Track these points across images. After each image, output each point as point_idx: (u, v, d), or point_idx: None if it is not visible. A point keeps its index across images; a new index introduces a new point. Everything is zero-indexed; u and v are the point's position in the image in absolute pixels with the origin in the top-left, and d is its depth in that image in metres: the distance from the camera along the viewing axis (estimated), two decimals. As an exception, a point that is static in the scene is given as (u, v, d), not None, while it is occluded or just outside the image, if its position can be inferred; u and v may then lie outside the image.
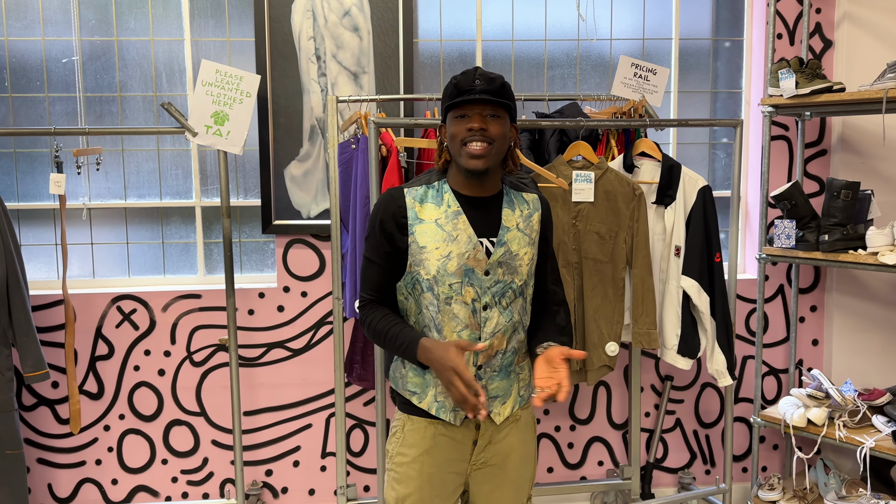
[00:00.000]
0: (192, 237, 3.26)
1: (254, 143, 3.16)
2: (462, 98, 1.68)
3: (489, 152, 1.69)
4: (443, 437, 1.82)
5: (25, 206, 3.16)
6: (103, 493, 3.16)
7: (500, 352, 1.80)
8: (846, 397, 2.92)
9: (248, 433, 3.20)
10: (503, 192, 1.83)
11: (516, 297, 1.79)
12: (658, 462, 3.38)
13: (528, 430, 1.91)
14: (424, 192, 1.79)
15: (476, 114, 1.69)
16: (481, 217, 1.78)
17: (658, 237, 2.77)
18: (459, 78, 1.72)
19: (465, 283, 1.75)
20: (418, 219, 1.76)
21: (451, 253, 1.74)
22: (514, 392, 1.85)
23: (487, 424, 1.84)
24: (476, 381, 1.65)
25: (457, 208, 1.76)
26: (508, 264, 1.77)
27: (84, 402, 3.11)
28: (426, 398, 1.81)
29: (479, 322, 1.77)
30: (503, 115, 1.73)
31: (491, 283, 1.76)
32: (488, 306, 1.76)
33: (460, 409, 1.74)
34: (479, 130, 1.68)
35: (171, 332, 3.13)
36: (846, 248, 2.79)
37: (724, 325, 2.74)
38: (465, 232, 1.75)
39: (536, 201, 1.87)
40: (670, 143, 3.38)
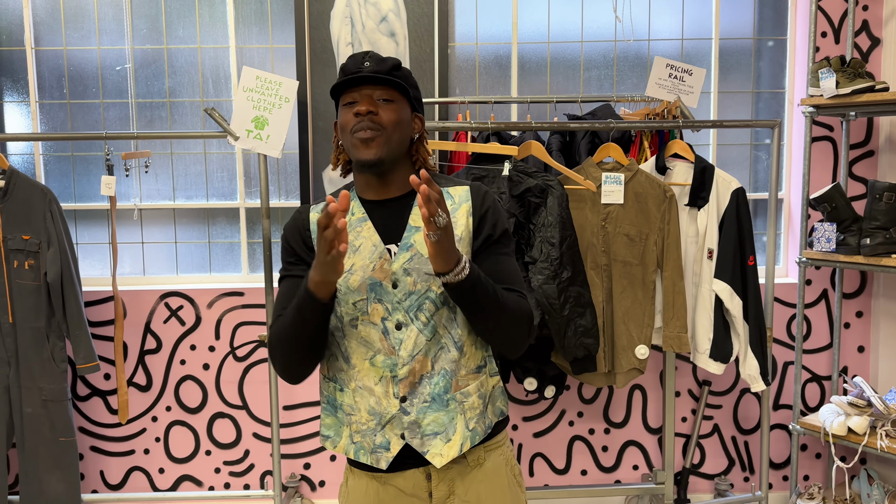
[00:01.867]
0: (237, 237, 3.39)
1: (294, 147, 3.27)
2: (346, 78, 1.44)
3: (379, 139, 1.44)
4: (389, 491, 1.53)
5: (81, 207, 3.34)
6: (151, 481, 3.31)
7: (426, 376, 1.48)
8: (889, 406, 2.83)
9: (288, 427, 3.30)
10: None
11: (438, 308, 1.48)
12: (695, 468, 3.34)
13: (499, 476, 1.56)
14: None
15: (365, 97, 1.45)
16: (390, 220, 1.51)
17: (691, 240, 2.75)
18: (348, 61, 1.50)
19: (371, 299, 1.47)
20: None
21: (353, 266, 1.48)
22: (459, 427, 1.49)
23: (440, 473, 1.52)
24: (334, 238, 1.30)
25: (361, 215, 1.51)
26: (419, 270, 1.47)
27: (133, 394, 3.26)
28: (341, 440, 1.53)
29: (393, 344, 1.47)
30: (399, 101, 1.48)
31: (401, 296, 1.47)
32: (402, 325, 1.47)
33: (387, 445, 1.48)
34: (367, 114, 1.43)
35: (215, 328, 3.26)
36: (889, 252, 2.71)
37: (757, 329, 2.70)
38: (370, 240, 1.49)
39: (465, 192, 1.53)
40: (710, 144, 3.33)
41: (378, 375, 1.47)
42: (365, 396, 1.48)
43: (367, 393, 1.48)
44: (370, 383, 1.48)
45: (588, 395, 3.29)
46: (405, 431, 1.48)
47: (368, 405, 1.48)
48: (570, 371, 2.65)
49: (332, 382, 1.53)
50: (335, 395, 1.53)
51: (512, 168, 2.47)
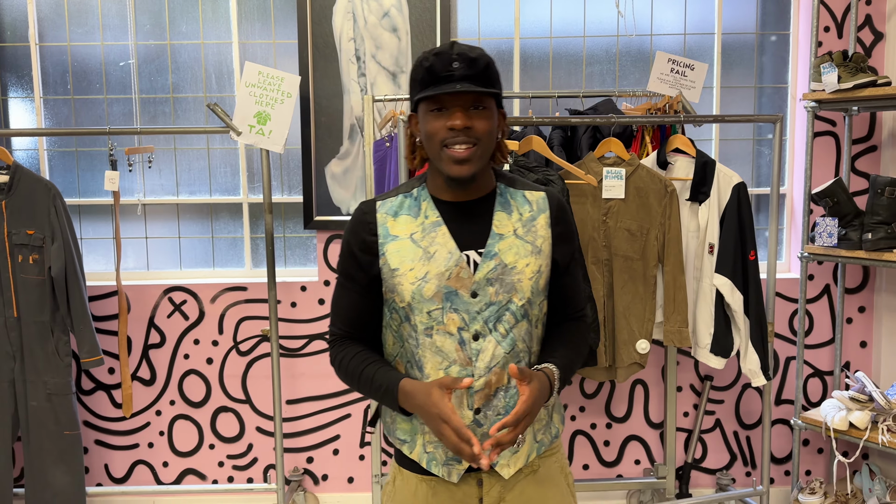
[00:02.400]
0: (240, 232, 3.40)
1: (297, 142, 3.28)
2: (439, 90, 1.32)
3: (475, 155, 1.36)
4: (439, 496, 1.49)
5: (86, 202, 3.35)
6: (155, 474, 3.34)
7: (502, 389, 1.44)
8: (890, 401, 2.83)
9: (291, 421, 3.32)
10: (496, 192, 1.48)
11: (518, 321, 1.43)
12: (697, 462, 3.34)
13: (552, 483, 1.52)
14: (400, 204, 1.47)
15: (457, 107, 1.34)
16: (467, 225, 1.44)
17: (692, 234, 2.75)
18: (433, 60, 1.35)
19: (446, 308, 1.41)
20: (390, 235, 1.44)
21: (427, 273, 1.41)
22: (527, 437, 1.49)
23: (492, 479, 1.49)
24: (465, 428, 1.31)
25: (435, 219, 1.44)
26: (502, 280, 1.42)
27: (137, 388, 3.28)
28: (416, 447, 1.49)
29: (470, 356, 1.42)
30: (489, 105, 1.38)
31: (481, 306, 1.42)
32: (480, 335, 1.42)
33: (459, 458, 1.45)
34: (462, 130, 1.34)
35: (218, 323, 3.28)
36: (891, 246, 2.71)
37: (758, 324, 2.70)
38: (445, 246, 1.42)
39: (543, 200, 1.48)
40: (712, 139, 3.33)
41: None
42: None
43: None
44: None
45: (590, 390, 3.30)
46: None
47: None
48: (570, 365, 2.65)
49: None
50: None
51: (513, 163, 2.48)
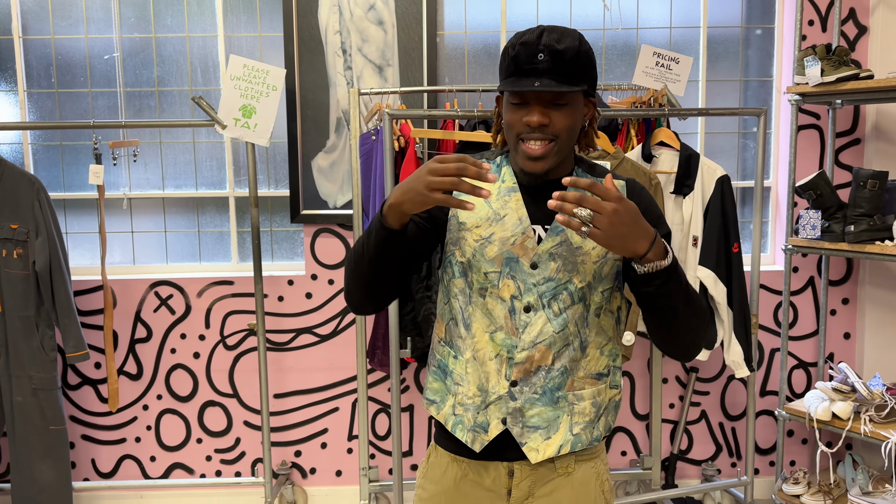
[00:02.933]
0: (226, 226, 3.39)
1: (283, 136, 3.27)
2: (520, 88, 1.29)
3: (551, 152, 1.34)
4: (467, 481, 1.48)
5: (71, 196, 3.34)
6: (142, 469, 3.33)
7: (544, 369, 1.41)
8: (873, 391, 2.86)
9: (278, 415, 3.32)
10: (573, 174, 1.45)
11: (574, 303, 1.40)
12: (683, 453, 3.37)
13: (587, 489, 1.46)
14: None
15: (537, 103, 1.32)
16: (542, 200, 1.41)
17: (676, 227, 2.76)
18: (519, 49, 1.32)
19: (504, 273, 1.40)
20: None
21: (492, 235, 1.40)
22: (562, 427, 1.42)
23: (524, 471, 1.45)
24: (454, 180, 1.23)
25: (512, 184, 1.42)
26: (566, 258, 1.39)
27: (124, 383, 3.28)
28: (444, 408, 1.49)
29: (517, 326, 1.40)
30: (573, 100, 1.33)
31: (539, 279, 1.39)
32: (532, 308, 1.39)
33: (486, 427, 1.42)
34: (538, 127, 1.32)
35: (205, 317, 3.27)
36: (872, 238, 2.73)
37: (741, 315, 2.72)
38: (516, 213, 1.40)
39: (622, 188, 1.43)
40: (698, 132, 3.35)
41: (495, 352, 1.41)
42: (477, 369, 1.43)
43: (480, 366, 1.42)
44: (485, 357, 1.42)
45: (576, 383, 3.31)
46: (507, 416, 1.42)
47: (478, 380, 1.43)
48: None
49: (448, 347, 1.48)
50: (448, 360, 1.48)
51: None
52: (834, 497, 3.01)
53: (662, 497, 2.98)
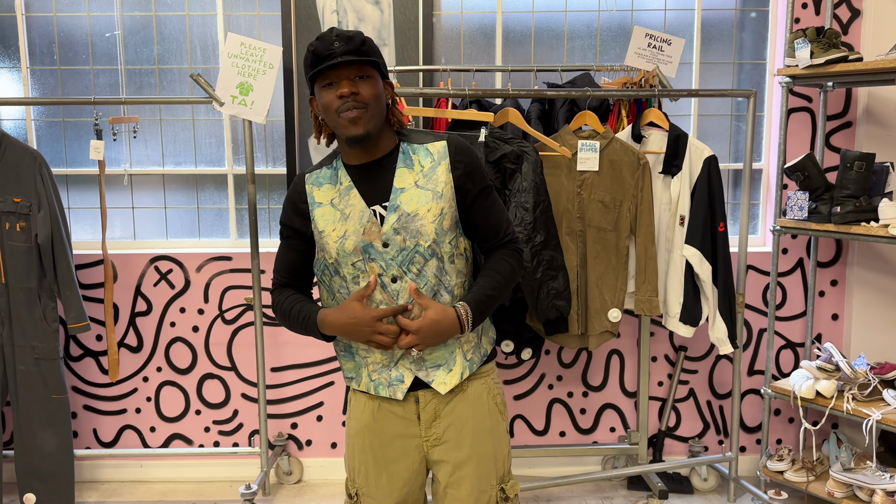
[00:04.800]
0: (225, 203, 3.46)
1: (281, 114, 3.32)
2: (324, 66, 1.55)
3: (365, 116, 1.58)
4: (383, 411, 1.74)
5: (73, 172, 3.40)
6: (142, 438, 3.42)
7: None
8: (857, 370, 2.91)
9: (275, 388, 3.40)
10: (398, 150, 1.69)
11: (427, 260, 1.65)
12: (671, 430, 3.44)
13: (480, 401, 1.75)
14: (322, 174, 1.71)
15: (343, 79, 1.57)
16: (373, 183, 1.66)
17: (664, 207, 2.81)
18: (316, 44, 1.58)
19: (366, 259, 1.65)
20: (316, 203, 1.69)
21: (346, 232, 1.65)
22: (458, 359, 1.72)
23: (428, 397, 1.72)
24: (394, 306, 1.62)
25: (348, 184, 1.67)
26: (407, 228, 1.63)
27: (125, 355, 3.36)
28: (362, 380, 1.74)
29: (392, 296, 1.65)
30: (373, 74, 1.61)
31: (393, 253, 1.64)
32: (397, 278, 1.65)
33: (402, 378, 1.70)
34: (350, 96, 1.56)
35: (204, 292, 3.34)
36: (858, 220, 2.77)
37: (725, 293, 2.77)
38: (357, 206, 1.65)
39: (443, 149, 1.68)
40: (691, 115, 3.38)
41: (385, 322, 1.64)
42: None
43: None
44: None
45: (567, 360, 3.38)
46: (413, 366, 1.70)
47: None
48: (543, 333, 2.73)
49: None
50: (350, 343, 1.73)
51: (488, 134, 2.53)
52: (817, 474, 3.07)
53: (648, 471, 3.05)
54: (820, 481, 3.03)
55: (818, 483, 3.02)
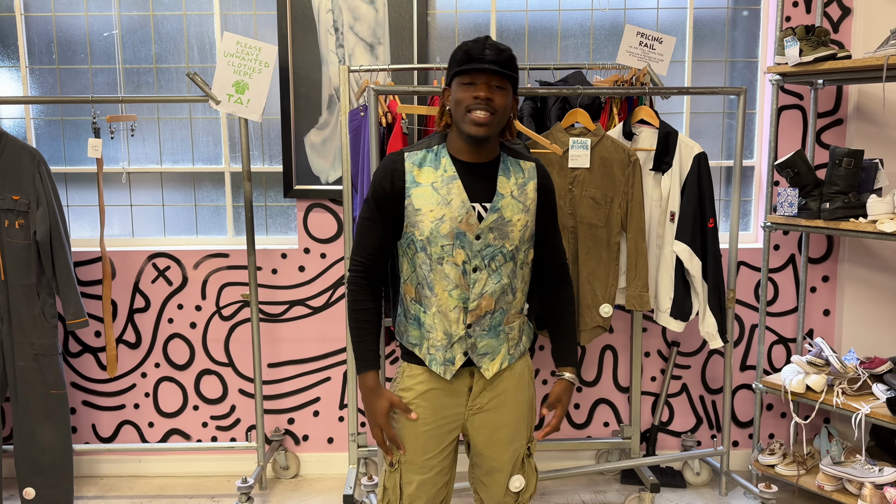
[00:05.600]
0: (222, 200, 3.49)
1: (277, 112, 3.35)
2: (472, 66, 1.73)
3: (492, 121, 1.75)
4: (438, 382, 1.92)
5: (72, 170, 3.44)
6: (141, 434, 3.46)
7: (489, 312, 1.87)
8: (846, 365, 2.94)
9: (272, 384, 3.44)
10: (500, 160, 1.88)
11: (506, 262, 1.86)
12: (664, 425, 3.47)
13: (523, 377, 1.98)
14: (423, 156, 1.85)
15: (483, 83, 1.74)
16: (476, 183, 1.84)
17: (655, 203, 2.84)
18: (470, 45, 1.76)
19: (456, 245, 1.82)
20: (415, 182, 1.83)
21: (444, 216, 1.81)
22: (503, 350, 1.92)
23: (479, 376, 1.93)
24: (394, 437, 1.89)
25: (453, 173, 1.83)
26: (500, 230, 1.83)
27: (123, 351, 3.39)
28: (423, 349, 1.91)
29: (469, 283, 1.84)
30: (507, 87, 1.78)
31: (481, 246, 1.83)
32: (478, 269, 1.84)
33: (453, 360, 1.91)
34: (484, 100, 1.73)
35: (201, 288, 3.38)
36: (847, 216, 2.80)
37: (715, 289, 2.80)
38: (459, 197, 1.82)
39: (533, 169, 1.91)
40: (683, 112, 3.41)
41: (454, 304, 1.85)
42: (441, 319, 1.87)
43: (443, 317, 1.87)
44: (447, 309, 1.86)
45: (561, 355, 3.41)
46: (468, 349, 1.89)
47: (444, 327, 1.87)
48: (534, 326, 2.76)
49: (419, 304, 1.90)
50: (420, 314, 1.91)
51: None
52: (808, 467, 3.10)
53: (641, 464, 3.08)
54: (811, 475, 3.06)
55: (809, 476, 3.05)
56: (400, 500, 1.95)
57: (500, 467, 1.98)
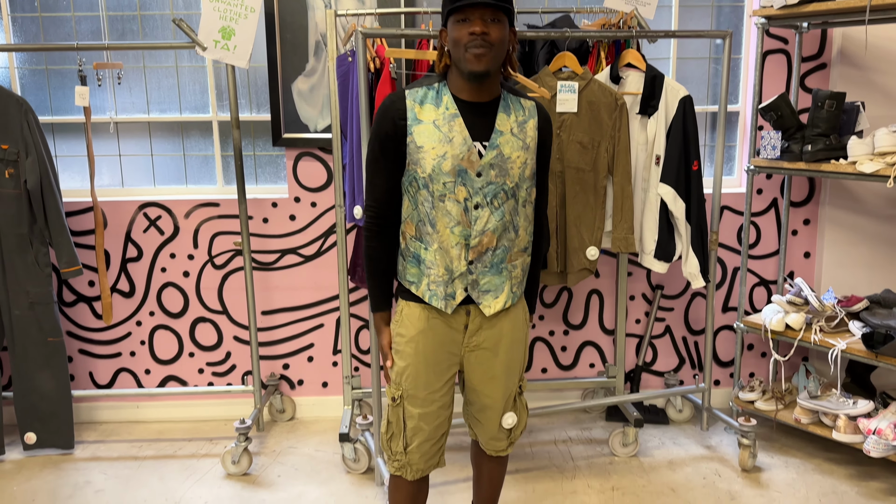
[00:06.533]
0: (210, 150, 3.49)
1: (263, 60, 3.34)
2: (464, 2, 1.72)
3: (490, 55, 1.75)
4: (436, 320, 1.96)
5: (59, 120, 3.42)
6: (138, 381, 3.53)
7: (491, 249, 1.90)
8: (825, 304, 3.03)
9: (266, 331, 3.50)
10: (501, 98, 1.89)
11: (508, 199, 1.88)
12: (647, 365, 3.57)
13: (518, 318, 2.02)
14: (424, 94, 1.86)
15: (477, 18, 1.74)
16: (477, 121, 1.85)
17: (641, 147, 2.88)
18: None
19: (458, 182, 1.84)
20: (417, 119, 1.84)
21: (446, 153, 1.82)
22: (506, 288, 1.95)
23: (476, 311, 1.97)
24: (387, 372, 2.03)
25: (454, 111, 1.84)
26: (500, 166, 1.85)
27: (117, 300, 3.44)
28: (421, 286, 1.94)
29: (470, 220, 1.87)
30: (503, 20, 1.78)
31: (483, 183, 1.85)
32: (479, 206, 1.86)
33: (454, 295, 1.96)
34: (480, 35, 1.73)
35: (193, 238, 3.41)
36: (828, 157, 2.86)
37: (698, 230, 2.87)
38: (461, 134, 1.83)
39: (533, 108, 1.92)
40: (670, 58, 3.42)
41: (455, 241, 1.88)
42: (443, 256, 1.90)
43: (445, 254, 1.90)
44: (448, 246, 1.89)
45: (549, 300, 3.49)
46: (468, 286, 1.92)
47: (445, 263, 1.90)
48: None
49: (419, 242, 1.93)
50: (420, 252, 1.93)
51: (468, 76, 2.57)
52: (786, 403, 3.22)
53: (625, 400, 3.19)
54: (788, 410, 3.18)
55: (787, 411, 3.17)
56: (403, 432, 2.02)
57: (493, 405, 2.05)
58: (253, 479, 2.96)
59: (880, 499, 2.76)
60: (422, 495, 2.12)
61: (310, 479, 2.96)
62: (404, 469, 2.04)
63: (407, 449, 2.02)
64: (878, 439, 2.71)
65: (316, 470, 3.03)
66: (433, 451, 2.05)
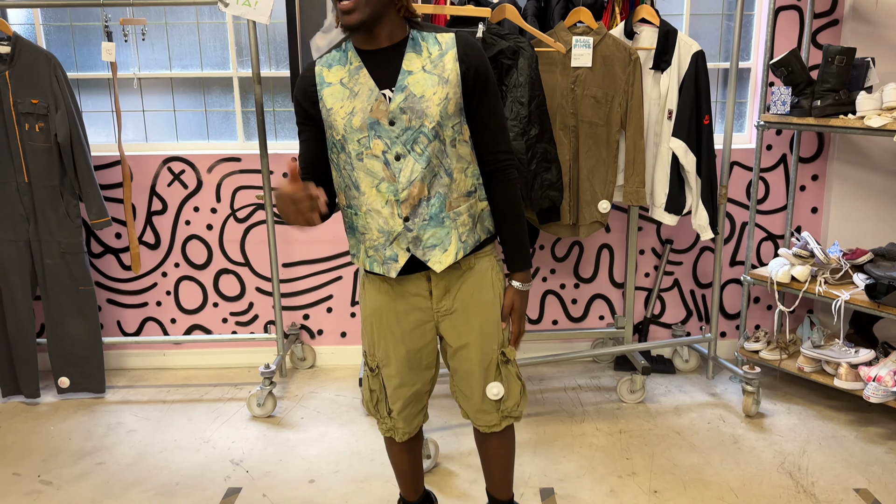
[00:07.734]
0: (231, 105, 3.58)
1: (282, 17, 3.40)
2: None
3: (358, 5, 1.61)
4: (397, 290, 1.87)
5: (84, 76, 3.51)
6: (164, 330, 3.67)
7: (424, 199, 1.76)
8: (830, 257, 3.12)
9: (287, 282, 3.62)
10: (408, 39, 1.75)
11: (431, 141, 1.73)
12: (655, 317, 3.68)
13: (485, 277, 1.89)
14: (333, 56, 1.77)
15: None
16: (384, 68, 1.72)
17: (654, 102, 2.95)
18: None
19: (371, 136, 1.72)
20: (325, 83, 1.75)
21: (354, 109, 1.72)
22: (453, 239, 1.80)
23: (436, 275, 1.86)
24: (299, 183, 1.53)
25: (358, 63, 1.73)
26: (413, 108, 1.71)
27: (143, 252, 3.56)
28: (360, 255, 1.86)
29: (394, 172, 1.74)
30: None
31: (398, 131, 1.72)
32: (400, 156, 1.73)
33: (396, 257, 1.79)
34: None
35: (216, 192, 3.51)
36: (837, 112, 2.92)
37: (708, 183, 2.95)
38: (366, 85, 1.72)
39: (452, 40, 1.75)
40: (683, 14, 3.46)
41: (384, 200, 1.75)
42: (375, 218, 1.77)
43: (377, 215, 1.77)
44: (378, 206, 1.76)
45: (560, 254, 3.59)
46: (409, 245, 1.78)
47: (378, 225, 1.77)
48: (536, 222, 2.92)
49: (349, 209, 1.83)
50: (352, 219, 1.83)
51: (486, 30, 2.64)
52: (790, 352, 3.33)
53: (633, 349, 3.30)
54: (792, 359, 3.29)
55: (790, 361, 3.28)
56: (385, 398, 1.99)
57: (470, 370, 1.93)
58: (277, 420, 3.11)
59: (878, 442, 2.89)
60: (416, 446, 2.12)
61: (331, 420, 3.10)
62: (392, 432, 2.03)
63: (391, 414, 2.00)
64: (878, 386, 2.82)
65: (337, 413, 3.17)
66: (415, 414, 2.02)
